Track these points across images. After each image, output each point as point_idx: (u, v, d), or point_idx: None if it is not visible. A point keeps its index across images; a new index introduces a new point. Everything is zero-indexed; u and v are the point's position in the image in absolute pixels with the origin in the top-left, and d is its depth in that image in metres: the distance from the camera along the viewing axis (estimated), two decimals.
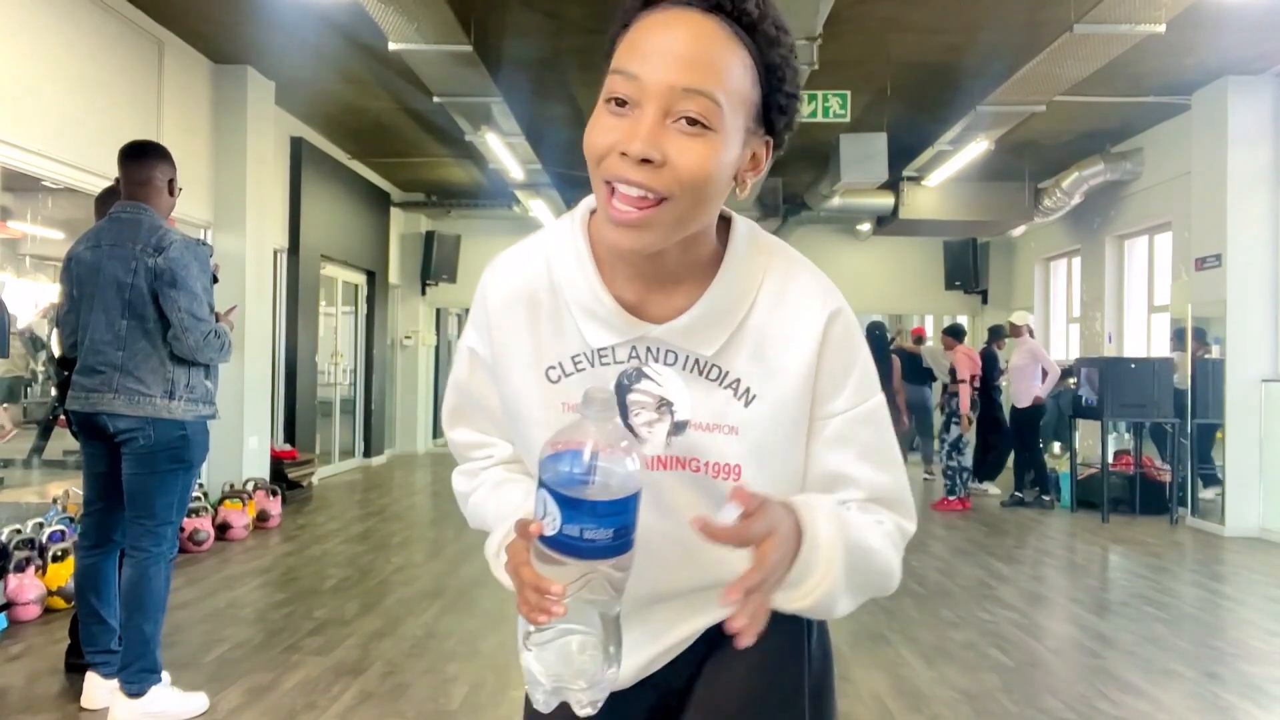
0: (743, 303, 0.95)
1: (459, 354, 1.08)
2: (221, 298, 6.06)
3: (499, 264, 1.03)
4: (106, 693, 2.92)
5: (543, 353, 0.98)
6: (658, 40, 0.84)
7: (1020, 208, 9.42)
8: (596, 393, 0.81)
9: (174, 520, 2.96)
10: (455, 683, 3.35)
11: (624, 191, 0.84)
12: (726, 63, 0.84)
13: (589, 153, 0.87)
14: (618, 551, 0.81)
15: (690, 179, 0.83)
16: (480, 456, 1.14)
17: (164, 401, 2.87)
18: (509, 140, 7.51)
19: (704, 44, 0.84)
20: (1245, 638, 4.14)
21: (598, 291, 0.94)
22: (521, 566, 0.84)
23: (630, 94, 0.84)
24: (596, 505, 0.79)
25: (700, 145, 0.83)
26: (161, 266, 2.85)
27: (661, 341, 0.94)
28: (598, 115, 0.87)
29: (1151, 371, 7.27)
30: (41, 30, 4.82)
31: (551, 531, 0.80)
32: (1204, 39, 5.92)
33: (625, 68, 0.85)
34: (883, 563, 0.95)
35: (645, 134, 0.82)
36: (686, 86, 0.82)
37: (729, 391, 0.95)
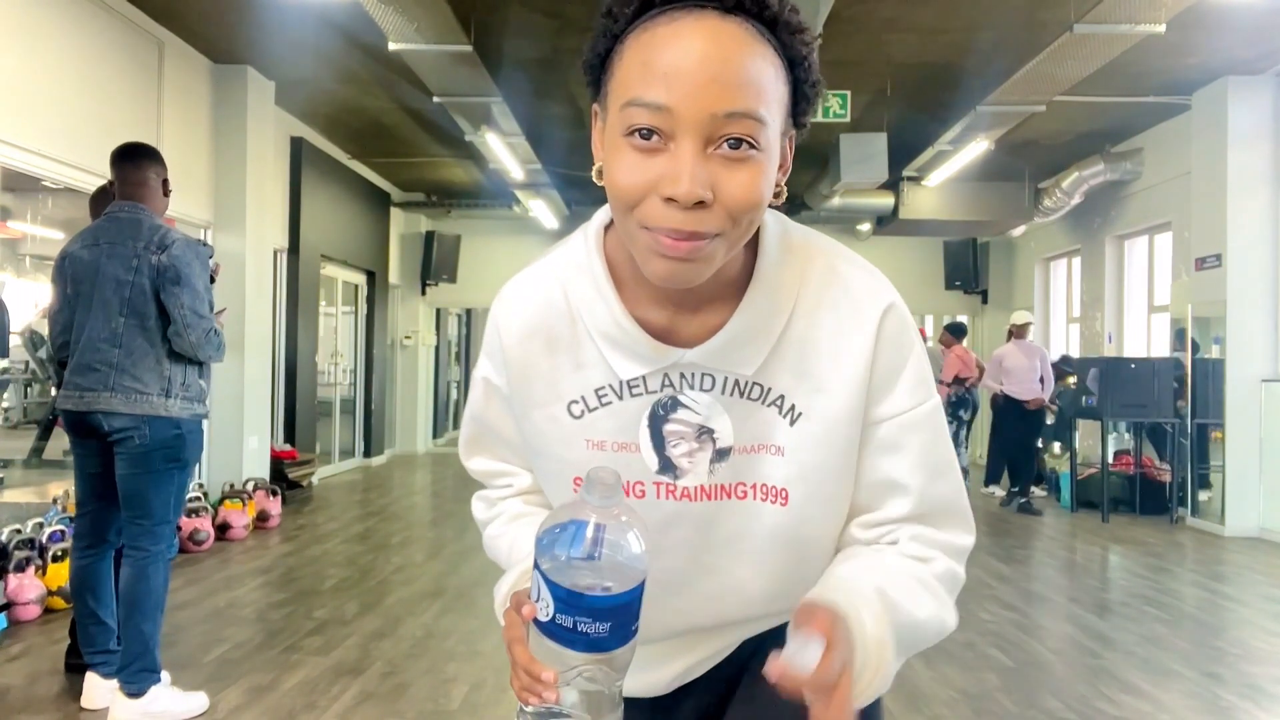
0: (781, 313, 0.86)
1: (474, 384, 1.02)
2: (221, 298, 6.06)
3: (510, 294, 0.95)
4: (106, 693, 2.92)
5: (563, 387, 0.91)
6: (682, 61, 0.73)
7: (1020, 208, 9.42)
8: (600, 474, 0.74)
9: (171, 519, 2.96)
10: (455, 683, 3.35)
11: (672, 240, 0.75)
12: (762, 71, 0.75)
13: (618, 196, 0.77)
14: (616, 645, 0.75)
15: (742, 211, 0.75)
16: (500, 485, 1.08)
17: (160, 400, 2.87)
18: (509, 140, 7.51)
19: (735, 55, 0.73)
20: (1245, 638, 4.14)
21: (621, 319, 0.86)
22: (515, 644, 0.78)
23: (659, 125, 0.73)
24: (594, 599, 0.72)
25: (749, 171, 0.75)
26: (165, 264, 2.86)
27: (696, 366, 0.87)
28: (619, 151, 0.76)
29: (1151, 371, 7.27)
30: (41, 30, 4.83)
31: (544, 618, 0.74)
32: (1204, 39, 5.92)
33: (648, 98, 0.73)
34: (934, 627, 0.88)
35: (691, 172, 0.72)
36: (730, 111, 0.73)
37: (773, 409, 0.88)
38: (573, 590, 0.72)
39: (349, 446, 10.05)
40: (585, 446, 0.91)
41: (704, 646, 1.01)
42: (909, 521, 0.91)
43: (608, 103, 0.79)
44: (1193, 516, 7.10)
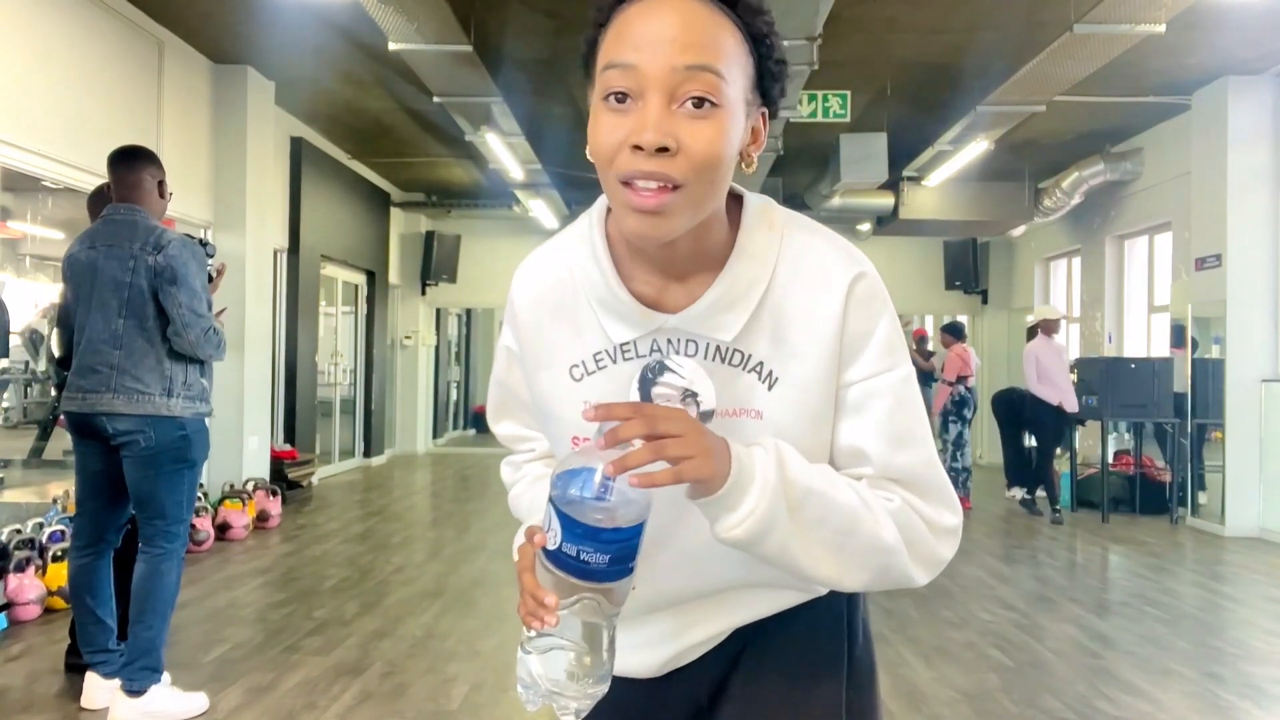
0: (759, 283, 0.92)
1: (498, 352, 1.10)
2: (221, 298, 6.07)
3: (524, 266, 1.04)
4: (106, 692, 2.92)
5: (566, 351, 0.98)
6: (648, 27, 0.83)
7: (1020, 208, 9.42)
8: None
9: (185, 517, 2.98)
10: (455, 683, 3.35)
11: (642, 186, 0.82)
12: (721, 37, 0.84)
13: (597, 154, 0.86)
14: (614, 577, 0.82)
15: (705, 162, 0.82)
16: (524, 449, 1.16)
17: (163, 400, 2.87)
18: (509, 140, 7.51)
19: (695, 21, 0.83)
20: (1245, 638, 4.14)
21: (614, 287, 0.93)
22: (524, 572, 0.86)
23: (629, 85, 0.82)
24: (598, 531, 0.80)
25: (710, 126, 0.82)
26: (162, 264, 2.87)
27: (680, 331, 0.93)
28: (597, 115, 0.86)
29: (1151, 371, 7.27)
30: (41, 30, 4.83)
31: (552, 546, 0.82)
32: (1204, 39, 5.92)
33: (619, 59, 0.83)
34: (861, 524, 0.89)
35: (655, 122, 0.81)
36: (689, 64, 0.81)
37: (753, 375, 0.93)
38: (579, 520, 0.79)
39: (349, 446, 10.06)
40: (583, 407, 0.95)
41: (696, 630, 1.03)
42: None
43: (594, 76, 0.88)
44: (1193, 516, 7.10)
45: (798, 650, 1.03)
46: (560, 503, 0.81)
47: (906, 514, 0.91)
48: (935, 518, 0.93)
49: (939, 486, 0.94)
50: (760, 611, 1.03)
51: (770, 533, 0.85)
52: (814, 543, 0.88)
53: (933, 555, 0.93)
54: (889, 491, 0.92)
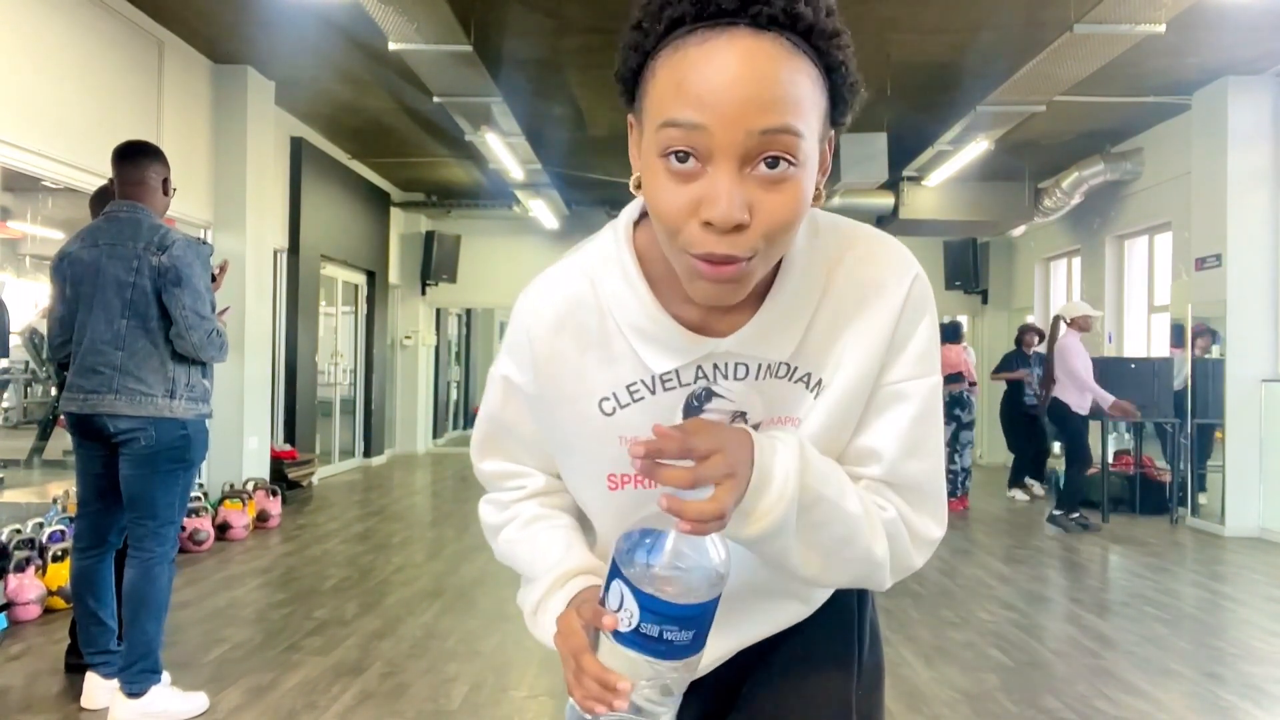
0: (811, 299, 0.88)
1: (491, 383, 1.01)
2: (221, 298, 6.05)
3: (539, 289, 0.94)
4: (106, 693, 2.92)
5: (594, 383, 0.91)
6: (714, 79, 0.72)
7: (1020, 208, 9.42)
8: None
9: (176, 520, 2.96)
10: (455, 683, 3.35)
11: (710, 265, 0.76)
12: (798, 85, 0.74)
13: (662, 221, 0.77)
14: (695, 650, 0.76)
15: (781, 231, 0.76)
16: (512, 487, 1.06)
17: (165, 401, 2.86)
18: (509, 140, 7.50)
19: (771, 72, 0.72)
20: (1245, 638, 4.14)
21: (654, 313, 0.86)
22: (582, 654, 0.79)
23: (695, 146, 0.73)
24: (681, 609, 0.73)
25: (787, 191, 0.75)
26: (166, 265, 2.85)
27: (730, 355, 0.88)
28: (655, 174, 0.76)
29: (1151, 371, 7.26)
30: (41, 30, 4.83)
31: (626, 629, 0.74)
32: (1204, 39, 5.92)
33: (682, 118, 0.73)
34: (859, 536, 0.87)
35: (728, 196, 0.73)
36: (766, 129, 0.72)
37: (800, 385, 0.91)
38: (661, 599, 0.72)
39: (349, 446, 10.05)
40: (619, 442, 0.91)
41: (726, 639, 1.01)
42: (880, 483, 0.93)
43: (643, 119, 0.80)
44: (1193, 516, 7.10)
45: (808, 652, 1.02)
46: (635, 581, 0.73)
47: (897, 526, 0.90)
48: (921, 529, 0.92)
49: (935, 498, 0.92)
50: (770, 629, 1.02)
51: (777, 537, 0.83)
52: (811, 545, 0.86)
53: (907, 564, 0.92)
54: (885, 498, 0.91)
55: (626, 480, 0.93)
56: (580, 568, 0.97)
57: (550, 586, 0.96)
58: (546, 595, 0.96)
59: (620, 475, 0.93)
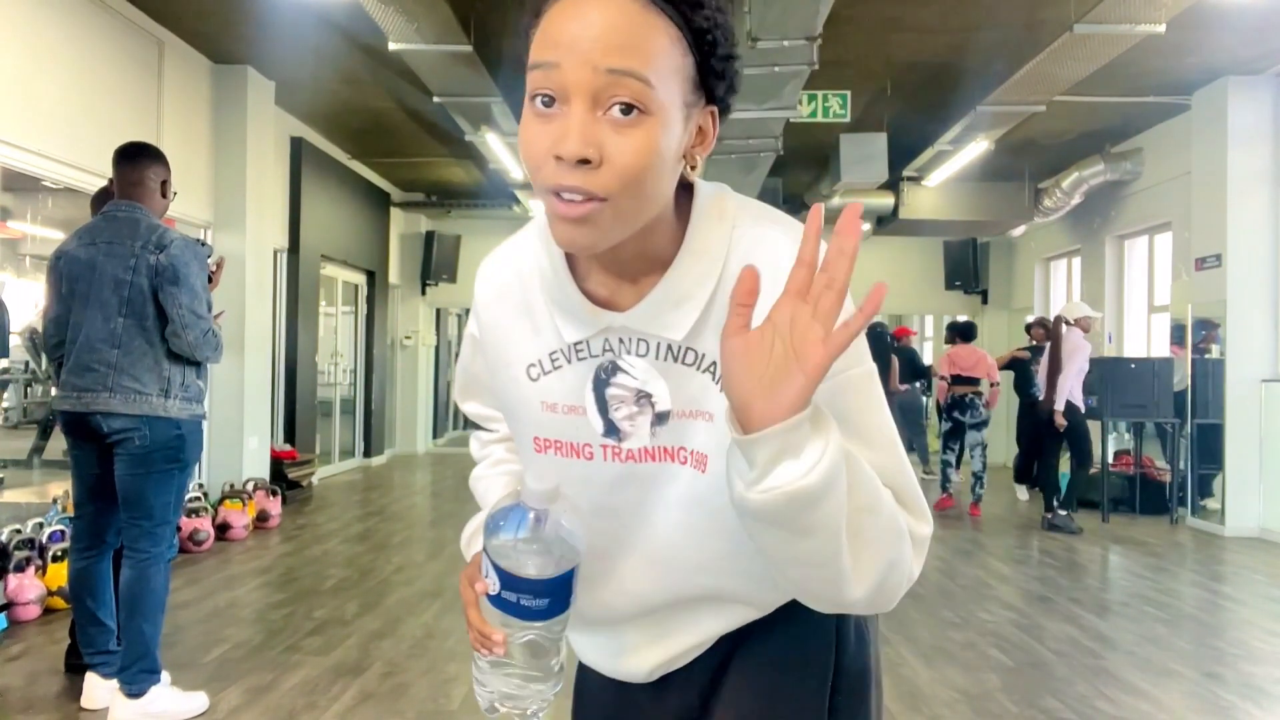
0: (708, 279, 0.87)
1: (465, 338, 1.11)
2: (221, 298, 6.05)
3: (491, 258, 1.03)
4: (106, 693, 2.92)
5: (524, 350, 0.96)
6: (571, 25, 0.78)
7: (1020, 208, 9.42)
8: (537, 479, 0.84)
9: (171, 520, 2.95)
10: (455, 683, 3.35)
11: (567, 196, 0.78)
12: (650, 38, 0.78)
13: (527, 161, 0.82)
14: (554, 614, 0.86)
15: (630, 176, 0.77)
16: (490, 428, 1.19)
17: (160, 400, 2.86)
18: (509, 140, 7.50)
19: (622, 21, 0.77)
20: (1245, 638, 4.14)
21: (565, 286, 0.90)
22: (469, 607, 0.91)
23: (553, 88, 0.78)
24: (532, 582, 0.84)
25: (637, 136, 0.77)
26: (164, 264, 2.85)
27: (629, 330, 0.89)
28: (525, 118, 0.82)
29: (1151, 371, 7.26)
30: (41, 30, 4.83)
31: (493, 593, 0.86)
32: (1204, 39, 5.92)
33: (542, 59, 0.80)
34: (883, 499, 0.80)
35: (576, 132, 0.76)
36: (611, 68, 0.76)
37: (707, 375, 0.88)
38: (513, 574, 0.83)
39: (349, 446, 10.06)
40: (540, 408, 0.96)
41: (676, 638, 1.02)
42: None
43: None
44: (1193, 516, 7.10)
45: (782, 656, 1.00)
46: (493, 555, 0.84)
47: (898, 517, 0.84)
48: (914, 526, 0.85)
49: (913, 494, 0.86)
50: (738, 620, 1.00)
51: (833, 488, 0.73)
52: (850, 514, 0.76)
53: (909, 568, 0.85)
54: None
55: (548, 445, 0.97)
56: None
57: (475, 531, 1.09)
58: (470, 538, 1.10)
59: (544, 440, 0.97)
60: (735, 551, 0.92)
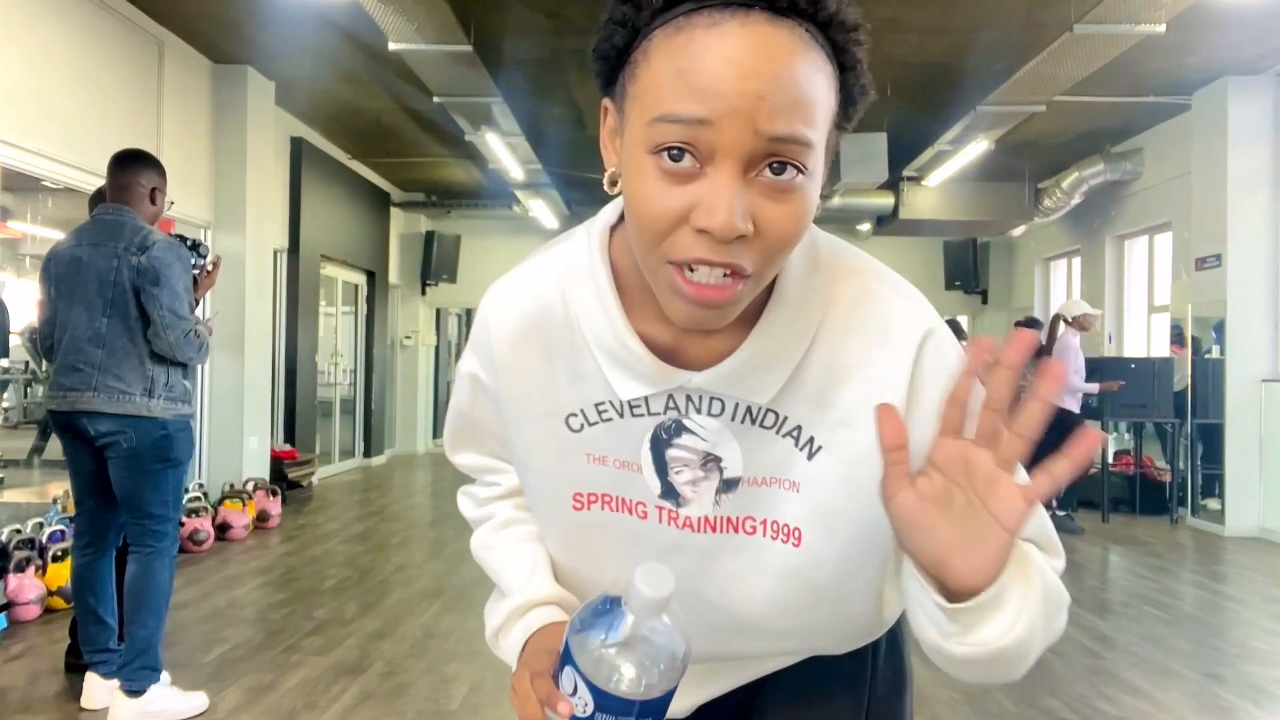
0: (801, 338, 0.76)
1: (459, 379, 0.94)
2: (221, 298, 6.02)
3: (503, 291, 0.86)
4: (106, 693, 2.92)
5: (562, 399, 0.83)
6: (724, 69, 0.63)
7: (1020, 208, 9.42)
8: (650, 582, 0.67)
9: (172, 516, 2.97)
10: (455, 683, 3.35)
11: (703, 277, 0.66)
12: (814, 87, 0.65)
13: (646, 227, 0.67)
14: None
15: (784, 248, 0.67)
16: (488, 482, 1.03)
17: (144, 400, 2.87)
18: (509, 140, 7.51)
19: (788, 68, 0.63)
20: (1246, 638, 4.14)
21: (624, 336, 0.77)
22: None
23: (697, 146, 0.64)
24: (638, 704, 0.69)
25: (794, 202, 0.66)
26: (145, 265, 2.86)
27: (704, 390, 0.78)
28: (642, 170, 0.66)
29: (1151, 371, 7.26)
30: (41, 30, 4.82)
31: (582, 715, 0.70)
32: (1204, 39, 5.92)
33: (683, 111, 0.63)
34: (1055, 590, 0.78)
35: (731, 205, 0.63)
36: (775, 135, 0.63)
37: (789, 441, 0.79)
38: (617, 696, 0.68)
39: (349, 446, 10.05)
40: (586, 461, 0.84)
41: (725, 678, 0.97)
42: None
43: (627, 107, 0.69)
44: (1193, 516, 7.10)
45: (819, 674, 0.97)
46: (588, 674, 0.68)
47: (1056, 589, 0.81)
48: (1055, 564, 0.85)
49: (1051, 535, 0.84)
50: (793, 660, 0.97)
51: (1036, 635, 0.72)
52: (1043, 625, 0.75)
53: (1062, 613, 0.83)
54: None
55: (594, 500, 0.85)
56: (541, 598, 0.91)
57: (509, 616, 0.91)
58: (506, 624, 0.92)
59: (587, 495, 0.85)
60: (837, 618, 0.88)
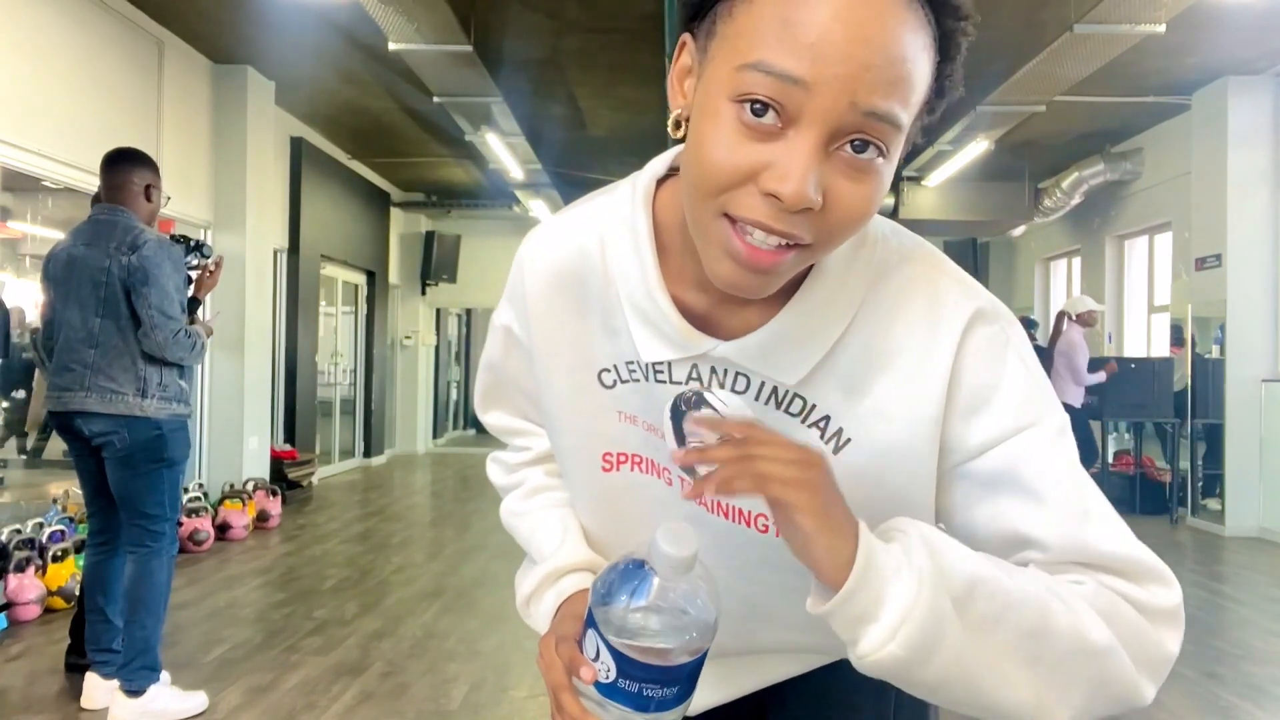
0: (838, 319, 0.72)
1: (492, 331, 0.91)
2: (221, 298, 6.02)
3: (542, 238, 0.83)
4: (106, 693, 2.92)
5: (595, 353, 0.80)
6: (830, 26, 0.58)
7: (1020, 208, 9.42)
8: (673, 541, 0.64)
9: (169, 516, 2.97)
10: (455, 683, 3.35)
11: (759, 241, 0.62)
12: (918, 64, 0.61)
13: (709, 175, 0.62)
14: (678, 704, 0.70)
15: (850, 227, 0.64)
16: (519, 446, 1.00)
17: (136, 400, 2.87)
18: (509, 140, 7.51)
19: (895, 40, 0.59)
20: (1246, 638, 4.14)
21: (655, 293, 0.73)
22: (562, 691, 0.70)
23: (784, 104, 0.59)
24: (662, 670, 0.66)
25: (869, 182, 0.62)
26: (135, 264, 2.87)
27: (729, 362, 0.74)
28: (720, 120, 0.61)
29: (1151, 371, 7.26)
30: (41, 30, 4.82)
31: (605, 680, 0.67)
32: (1204, 39, 5.92)
33: (782, 66, 0.58)
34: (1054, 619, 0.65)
35: (805, 173, 0.59)
36: (872, 110, 0.59)
37: (814, 432, 0.74)
38: (636, 659, 0.66)
39: (349, 446, 10.05)
40: (617, 419, 0.81)
41: (738, 682, 0.95)
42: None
43: (713, 46, 0.64)
44: (1193, 516, 7.10)
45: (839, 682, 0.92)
46: (612, 633, 0.66)
47: (1108, 598, 0.68)
48: (1147, 599, 0.70)
49: (1137, 559, 0.70)
50: (809, 665, 0.93)
51: (940, 642, 0.61)
52: (997, 652, 0.63)
53: (1155, 651, 0.71)
54: (1073, 574, 0.69)
55: (624, 460, 0.82)
56: (572, 564, 0.89)
57: (541, 583, 0.89)
58: (537, 591, 0.90)
59: (617, 455, 0.82)
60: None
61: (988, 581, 0.64)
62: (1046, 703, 0.65)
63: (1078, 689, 0.66)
